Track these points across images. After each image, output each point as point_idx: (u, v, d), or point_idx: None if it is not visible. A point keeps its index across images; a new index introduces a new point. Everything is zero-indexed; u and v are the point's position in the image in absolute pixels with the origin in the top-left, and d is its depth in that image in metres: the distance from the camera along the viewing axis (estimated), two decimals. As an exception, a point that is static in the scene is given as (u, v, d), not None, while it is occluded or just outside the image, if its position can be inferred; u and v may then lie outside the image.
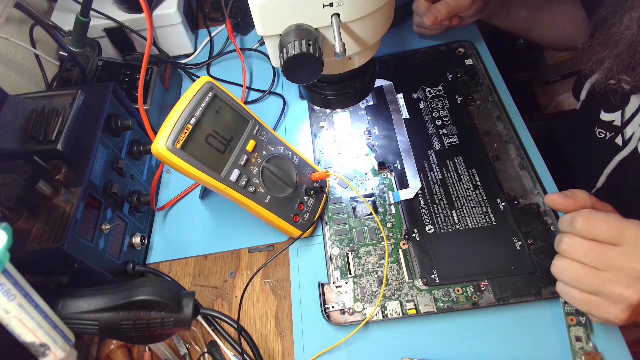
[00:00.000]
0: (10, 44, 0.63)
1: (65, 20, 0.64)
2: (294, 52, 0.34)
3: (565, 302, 0.43)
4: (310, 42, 0.35)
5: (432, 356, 0.44)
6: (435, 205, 0.52)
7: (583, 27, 0.65)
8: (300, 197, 0.50)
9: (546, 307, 0.45)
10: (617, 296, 0.35)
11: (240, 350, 0.42)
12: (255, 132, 0.48)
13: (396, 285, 0.48)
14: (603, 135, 0.56)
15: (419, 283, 0.47)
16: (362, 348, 0.45)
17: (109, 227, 0.46)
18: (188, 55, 0.74)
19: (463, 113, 0.59)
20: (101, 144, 0.48)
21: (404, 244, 0.50)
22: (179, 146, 0.41)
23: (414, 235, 0.50)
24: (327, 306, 0.47)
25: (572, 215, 0.39)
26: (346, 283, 0.49)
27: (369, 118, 0.61)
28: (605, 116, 0.56)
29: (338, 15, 0.35)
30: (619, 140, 0.55)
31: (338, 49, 0.35)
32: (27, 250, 0.39)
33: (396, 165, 0.56)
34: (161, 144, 0.40)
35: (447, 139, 0.57)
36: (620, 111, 0.54)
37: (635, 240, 0.35)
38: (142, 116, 0.50)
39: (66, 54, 0.58)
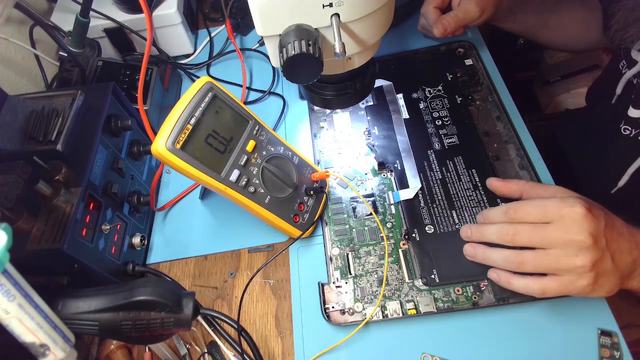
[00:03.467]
0: (10, 44, 0.63)
1: (64, 20, 0.64)
2: (293, 52, 0.34)
3: (601, 334, 0.43)
4: (310, 42, 0.35)
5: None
6: (435, 205, 0.52)
7: (592, 30, 0.65)
8: (300, 197, 0.50)
9: (546, 307, 0.45)
10: (574, 267, 0.38)
11: (240, 350, 0.42)
12: (254, 132, 0.48)
13: (396, 285, 0.48)
14: (628, 132, 0.56)
15: (418, 283, 0.47)
16: (362, 348, 0.45)
17: (108, 227, 0.46)
18: (188, 56, 0.74)
19: (463, 113, 0.59)
20: (101, 144, 0.48)
21: (403, 244, 0.50)
22: (178, 146, 0.41)
23: (413, 235, 0.50)
24: (327, 306, 0.47)
25: (504, 207, 0.44)
26: (346, 283, 0.49)
27: (368, 118, 0.61)
28: (633, 112, 0.55)
29: (338, 15, 0.35)
30: None
31: (338, 49, 0.35)
32: (26, 251, 0.39)
33: (396, 165, 0.56)
34: (161, 144, 0.40)
35: (446, 138, 0.57)
36: None
37: (559, 214, 0.40)
38: (142, 116, 0.50)
39: (66, 54, 0.58)
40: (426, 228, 0.51)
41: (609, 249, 0.39)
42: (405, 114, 0.61)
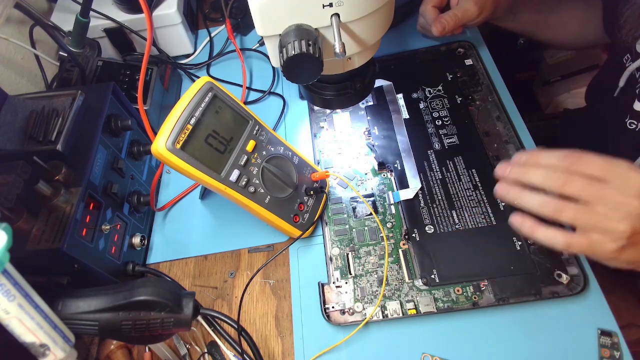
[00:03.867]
0: (10, 44, 0.63)
1: (64, 20, 0.64)
2: (293, 52, 0.34)
3: (601, 334, 0.43)
4: (310, 42, 0.35)
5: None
6: (435, 205, 0.52)
7: (592, 27, 0.65)
8: (300, 197, 0.50)
9: (546, 307, 0.45)
10: (614, 230, 0.37)
11: (240, 350, 0.42)
12: (254, 132, 0.48)
13: (396, 285, 0.48)
14: (634, 126, 0.55)
15: (418, 283, 0.47)
16: (362, 348, 0.45)
17: (108, 227, 0.46)
18: (188, 56, 0.74)
19: (463, 113, 0.59)
20: (101, 144, 0.48)
21: (403, 244, 0.50)
22: (178, 146, 0.41)
23: (413, 235, 0.50)
24: (327, 306, 0.47)
25: (563, 152, 0.40)
26: (346, 283, 0.49)
27: (368, 118, 0.61)
28: (639, 106, 0.54)
29: (338, 15, 0.35)
30: None
31: (338, 49, 0.35)
32: (27, 251, 0.39)
33: (396, 165, 0.56)
34: (161, 144, 0.40)
35: (446, 138, 0.57)
36: None
37: (623, 175, 0.37)
38: (142, 116, 0.50)
39: (66, 54, 0.58)
40: (426, 228, 0.51)
41: None
42: (405, 114, 0.61)
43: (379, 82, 0.64)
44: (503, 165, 0.43)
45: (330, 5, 0.34)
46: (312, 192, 0.51)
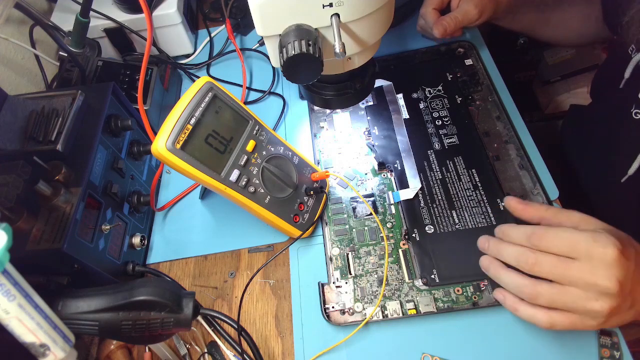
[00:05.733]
0: (10, 44, 0.63)
1: (64, 20, 0.64)
2: (293, 52, 0.34)
3: (601, 333, 0.43)
4: (310, 42, 0.35)
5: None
6: (435, 205, 0.52)
7: (593, 23, 0.65)
8: (300, 197, 0.50)
9: (546, 306, 0.45)
10: (590, 311, 0.36)
11: (240, 350, 0.42)
12: (254, 132, 0.48)
13: (396, 285, 0.48)
14: (639, 117, 0.54)
15: (418, 283, 0.47)
16: (362, 348, 0.45)
17: (108, 227, 0.46)
18: (188, 56, 0.74)
19: (463, 113, 0.59)
20: (101, 144, 0.48)
21: (403, 244, 0.50)
22: (178, 146, 0.41)
23: (413, 235, 0.50)
24: (327, 306, 0.47)
25: (529, 230, 0.40)
26: (346, 283, 0.49)
27: (368, 118, 0.61)
28: None
29: (337, 15, 0.35)
30: None
31: (338, 49, 0.35)
32: (26, 251, 0.39)
33: (396, 165, 0.56)
34: (161, 144, 0.40)
35: (446, 138, 0.57)
36: None
37: (588, 251, 0.36)
38: (142, 116, 0.50)
39: (66, 54, 0.58)
40: (426, 228, 0.51)
41: (632, 292, 0.36)
42: (405, 114, 0.61)
43: (379, 82, 0.64)
44: (483, 238, 0.44)
45: (330, 5, 0.34)
46: (312, 192, 0.51)
